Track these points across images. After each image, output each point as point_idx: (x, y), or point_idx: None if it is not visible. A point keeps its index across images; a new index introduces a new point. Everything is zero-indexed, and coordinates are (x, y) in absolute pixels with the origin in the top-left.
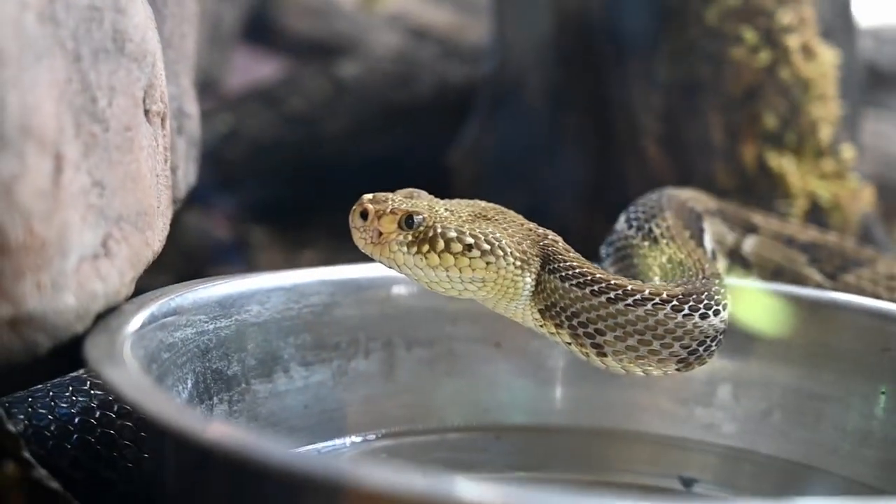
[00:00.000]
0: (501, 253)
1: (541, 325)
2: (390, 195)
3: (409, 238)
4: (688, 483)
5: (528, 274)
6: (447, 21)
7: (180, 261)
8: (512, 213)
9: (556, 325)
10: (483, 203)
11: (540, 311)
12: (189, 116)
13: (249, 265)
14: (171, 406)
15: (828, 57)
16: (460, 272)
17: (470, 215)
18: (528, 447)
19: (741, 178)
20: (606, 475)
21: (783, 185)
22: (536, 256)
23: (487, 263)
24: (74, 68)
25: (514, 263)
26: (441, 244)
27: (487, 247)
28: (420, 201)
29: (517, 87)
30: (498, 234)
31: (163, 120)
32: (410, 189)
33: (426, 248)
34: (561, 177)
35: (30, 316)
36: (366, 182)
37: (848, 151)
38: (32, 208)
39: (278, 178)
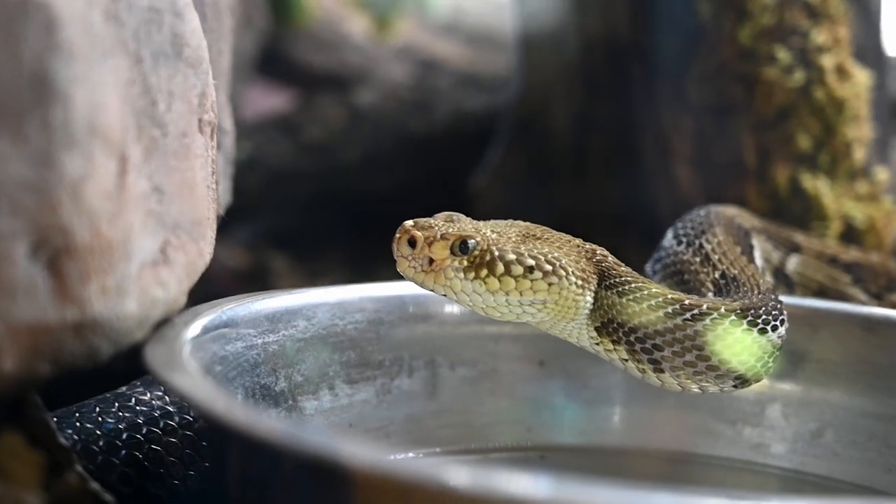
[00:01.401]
0: (563, 273)
1: (597, 343)
2: (432, 220)
3: (465, 263)
4: None
5: (588, 292)
6: (458, 53)
7: (197, 286)
8: (556, 231)
9: (614, 342)
10: (524, 222)
11: (597, 328)
12: (226, 132)
13: None
14: (243, 410)
15: (862, 78)
16: (521, 295)
17: (519, 235)
18: (572, 467)
19: (774, 201)
20: None
21: (817, 207)
22: (594, 274)
23: (550, 285)
24: (136, 70)
25: (575, 283)
26: (500, 267)
27: (549, 267)
28: (464, 224)
29: (542, 111)
30: (556, 254)
31: (212, 130)
32: (448, 213)
33: (484, 272)
34: (588, 201)
35: (94, 321)
36: (383, 210)
37: (882, 174)
38: (99, 209)
39: (295, 206)
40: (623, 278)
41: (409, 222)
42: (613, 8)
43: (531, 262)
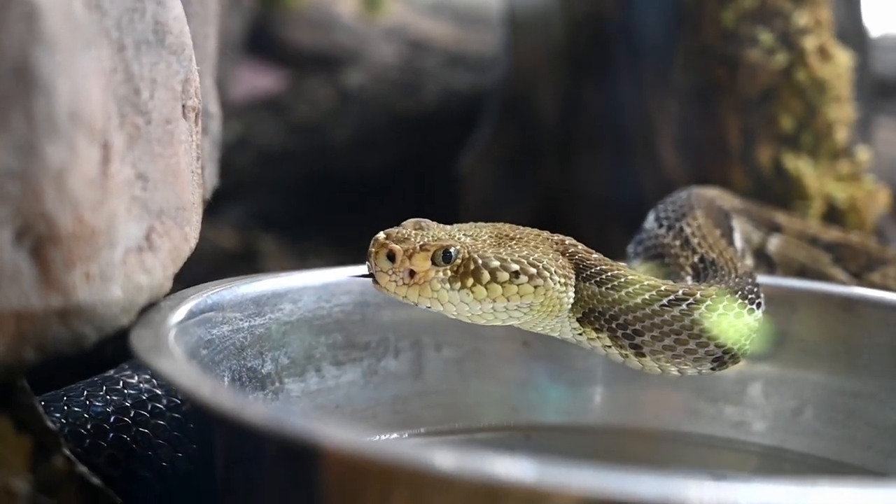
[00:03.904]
0: (547, 274)
1: (580, 334)
2: (404, 230)
3: (450, 274)
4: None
5: (570, 288)
6: (447, 32)
7: (185, 268)
8: (526, 227)
9: (596, 330)
10: (490, 224)
11: (578, 319)
12: (212, 117)
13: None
14: (227, 393)
15: (843, 59)
16: (508, 301)
17: (492, 238)
18: (557, 446)
19: (757, 181)
20: None
21: (800, 188)
22: (571, 268)
23: (535, 287)
24: (119, 58)
25: (559, 282)
26: (486, 275)
27: (533, 270)
28: (436, 231)
29: (529, 92)
30: (536, 255)
31: (196, 116)
32: (415, 219)
33: (470, 281)
34: (573, 182)
35: (79, 307)
36: (372, 190)
37: (863, 154)
38: (83, 197)
39: (285, 187)
40: (599, 267)
41: (382, 235)
42: None
43: (515, 266)
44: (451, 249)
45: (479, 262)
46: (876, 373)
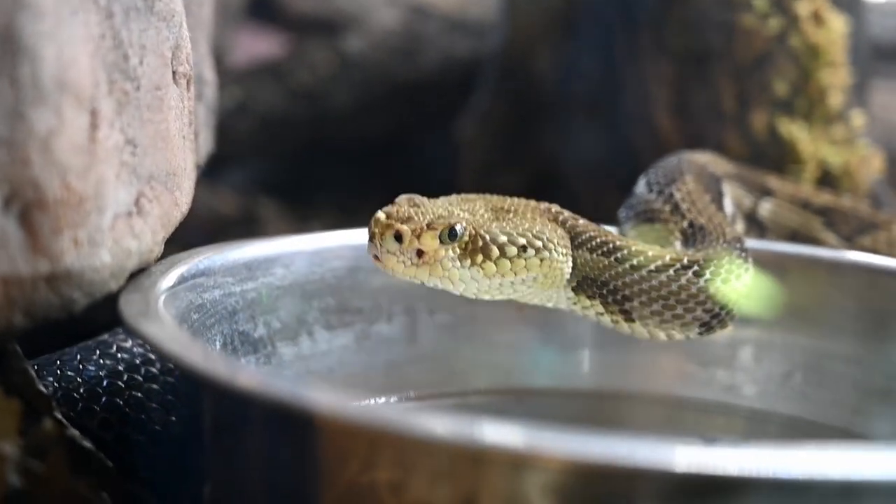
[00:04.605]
0: (552, 246)
1: (574, 303)
2: (404, 207)
3: (459, 251)
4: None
5: (570, 258)
6: None
7: (186, 233)
8: (514, 198)
9: (589, 298)
10: (479, 196)
11: (573, 288)
12: (207, 83)
13: (257, 237)
14: (212, 357)
15: (837, 24)
16: (515, 275)
17: (489, 212)
18: (549, 410)
19: (752, 146)
20: None
21: (794, 152)
22: (566, 237)
23: (542, 260)
24: (107, 24)
25: (562, 252)
26: (495, 251)
27: (539, 243)
28: (434, 207)
29: (527, 58)
30: (538, 227)
31: (188, 82)
32: (408, 196)
33: (480, 258)
34: (571, 146)
35: (67, 272)
36: (372, 156)
37: (858, 118)
38: (70, 163)
39: (285, 152)
40: (589, 234)
41: (383, 215)
42: None
43: (522, 240)
44: (458, 227)
45: (487, 237)
46: (864, 337)
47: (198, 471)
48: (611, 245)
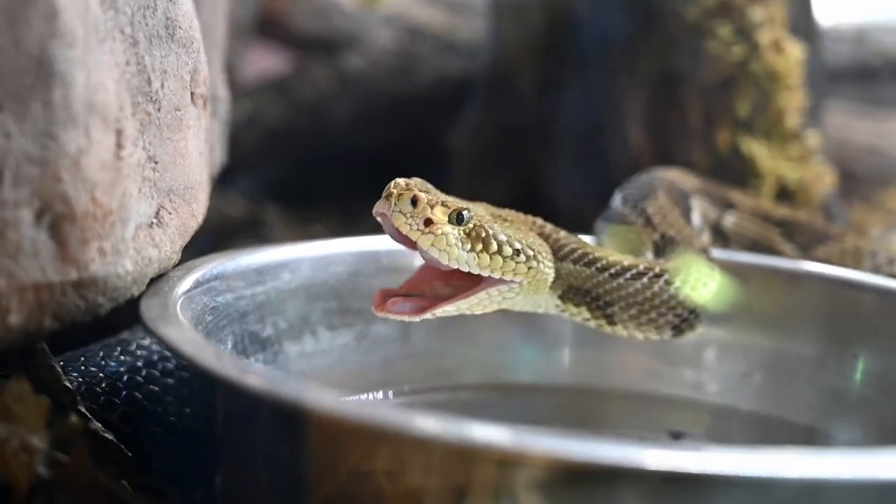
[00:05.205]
0: (540, 257)
1: (563, 310)
2: (421, 183)
3: (463, 234)
4: (677, 436)
5: (552, 270)
6: (440, 20)
7: (198, 234)
8: (507, 209)
9: (576, 305)
10: (478, 202)
11: (559, 296)
12: (221, 100)
13: (264, 240)
14: (223, 359)
15: (794, 52)
16: (503, 273)
17: (490, 216)
18: (531, 404)
19: (716, 160)
20: (603, 429)
21: (754, 168)
22: (550, 250)
23: (529, 268)
24: (132, 52)
25: (546, 265)
26: (494, 245)
27: (531, 252)
28: (442, 195)
29: (512, 77)
30: (530, 239)
31: (205, 102)
32: (419, 179)
33: (479, 247)
34: (552, 158)
35: (93, 279)
36: (369, 165)
37: (813, 137)
38: (97, 180)
39: (289, 161)
40: (571, 247)
41: (403, 181)
42: None
43: (518, 245)
44: (465, 213)
45: (490, 232)
46: (818, 340)
47: (210, 461)
48: (591, 256)
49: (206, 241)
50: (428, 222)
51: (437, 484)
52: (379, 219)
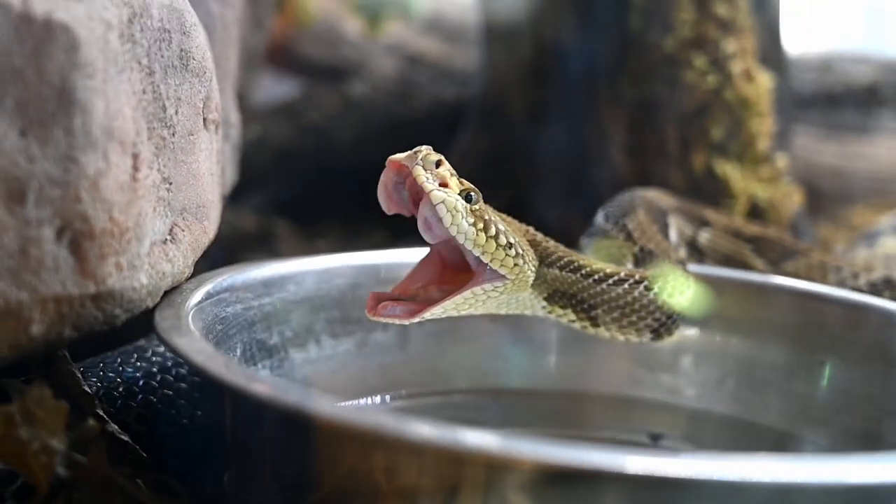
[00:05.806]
0: (528, 259)
1: (549, 312)
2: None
3: (469, 210)
4: (656, 438)
5: (533, 272)
6: (437, 49)
7: (212, 246)
8: (503, 214)
9: (562, 307)
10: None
11: (545, 298)
12: (233, 125)
13: (274, 252)
14: (232, 367)
15: (764, 80)
16: (492, 259)
17: (493, 211)
18: (520, 407)
19: (692, 182)
20: (587, 431)
21: (727, 188)
22: (535, 257)
23: (515, 265)
24: (148, 80)
25: (530, 267)
26: (493, 230)
27: (521, 250)
28: None
29: (502, 103)
30: (521, 241)
31: (216, 127)
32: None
33: (481, 226)
34: (540, 178)
35: (110, 293)
36: (370, 183)
37: (782, 160)
38: (114, 200)
39: (297, 180)
40: (557, 255)
41: (427, 147)
42: (561, 18)
43: (512, 240)
44: (474, 195)
45: (492, 218)
46: (787, 349)
47: (219, 460)
48: (577, 263)
49: (220, 252)
50: (443, 185)
51: (429, 483)
52: (384, 175)
